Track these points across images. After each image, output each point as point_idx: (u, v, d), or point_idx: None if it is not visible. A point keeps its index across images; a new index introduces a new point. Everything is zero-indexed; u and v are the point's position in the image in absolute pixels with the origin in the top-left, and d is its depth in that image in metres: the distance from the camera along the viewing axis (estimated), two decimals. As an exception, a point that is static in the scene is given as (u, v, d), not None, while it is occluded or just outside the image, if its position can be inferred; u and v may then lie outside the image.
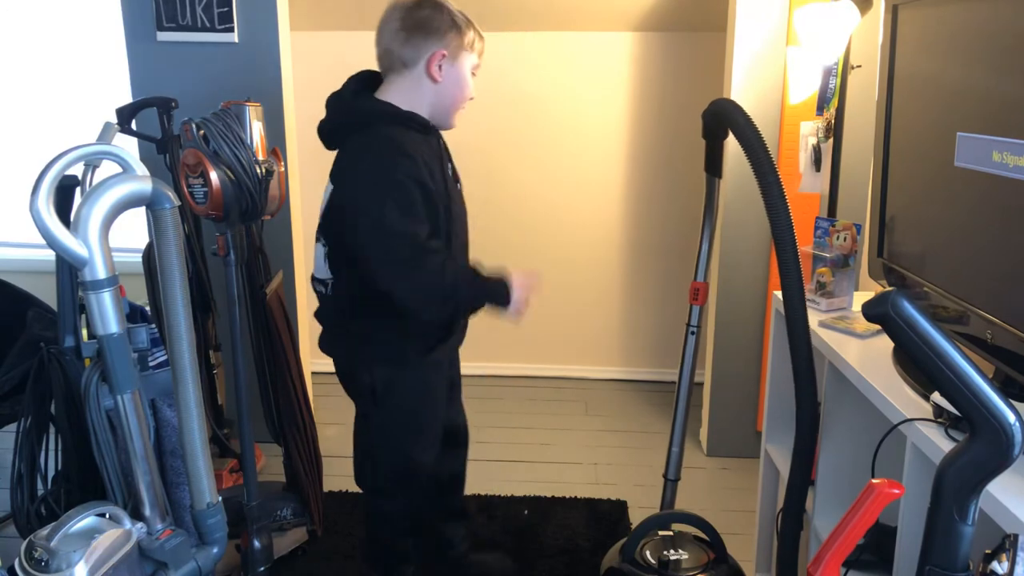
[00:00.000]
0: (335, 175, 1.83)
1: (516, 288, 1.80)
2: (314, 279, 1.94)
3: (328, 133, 1.88)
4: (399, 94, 1.83)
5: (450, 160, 1.93)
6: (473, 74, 1.90)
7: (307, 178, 3.46)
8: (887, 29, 1.72)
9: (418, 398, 1.92)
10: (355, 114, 1.83)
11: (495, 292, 1.81)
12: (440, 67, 1.82)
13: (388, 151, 1.74)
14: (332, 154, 2.35)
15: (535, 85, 3.48)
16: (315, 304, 2.01)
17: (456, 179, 1.94)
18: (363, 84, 1.89)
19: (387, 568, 2.06)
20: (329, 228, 1.88)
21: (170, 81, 2.83)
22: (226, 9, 2.77)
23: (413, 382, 1.90)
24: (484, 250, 3.70)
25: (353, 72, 2.03)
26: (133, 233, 3.07)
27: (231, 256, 2.02)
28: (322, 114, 1.95)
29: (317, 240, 1.91)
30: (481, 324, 3.85)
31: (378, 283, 1.75)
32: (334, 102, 1.89)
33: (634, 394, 3.50)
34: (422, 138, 1.81)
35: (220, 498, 1.79)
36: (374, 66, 1.98)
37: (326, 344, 1.99)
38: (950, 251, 1.51)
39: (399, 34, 1.82)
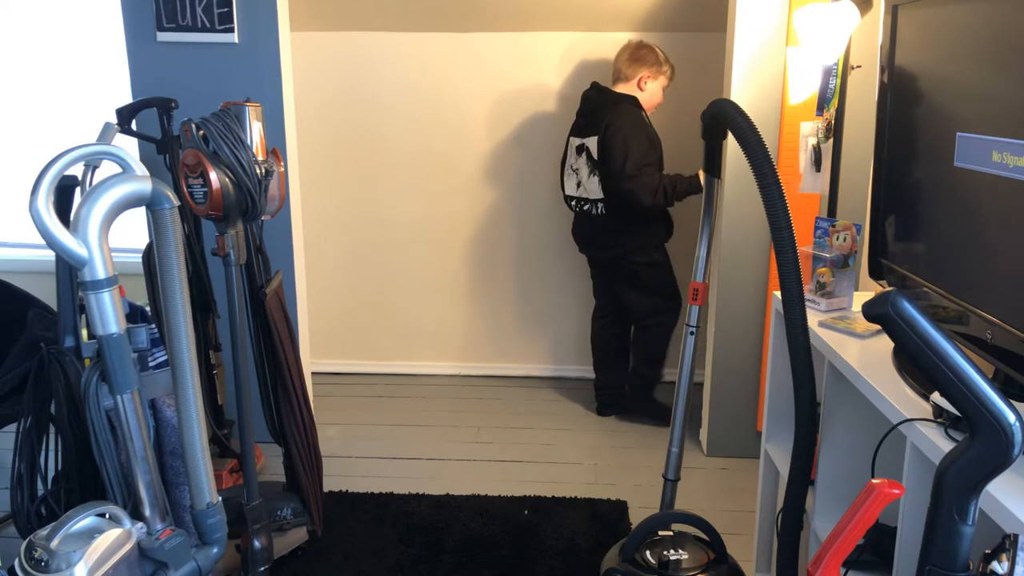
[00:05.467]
0: (605, 130, 3.04)
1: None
2: (582, 200, 3.19)
3: (592, 110, 3.13)
4: (631, 88, 3.11)
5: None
6: (663, 88, 3.15)
7: (307, 178, 3.47)
8: (887, 29, 1.72)
9: (661, 263, 3.22)
10: (613, 97, 3.11)
11: (686, 187, 3.04)
12: (645, 83, 3.10)
13: (634, 115, 3.06)
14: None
15: (536, 85, 3.48)
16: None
17: None
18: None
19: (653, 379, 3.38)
20: (605, 163, 3.06)
21: (170, 81, 2.83)
22: (226, 9, 2.77)
23: (659, 256, 3.22)
24: (486, 245, 3.71)
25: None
26: (133, 233, 3.07)
27: (231, 256, 2.02)
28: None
29: (592, 174, 3.12)
30: (480, 326, 3.86)
31: (623, 184, 3.00)
32: (596, 93, 3.16)
33: (634, 394, 3.50)
34: (643, 113, 3.11)
35: (220, 498, 1.79)
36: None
37: (593, 244, 3.29)
38: (950, 251, 1.51)
39: (627, 60, 3.10)
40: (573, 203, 3.24)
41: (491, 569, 2.38)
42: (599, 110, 3.10)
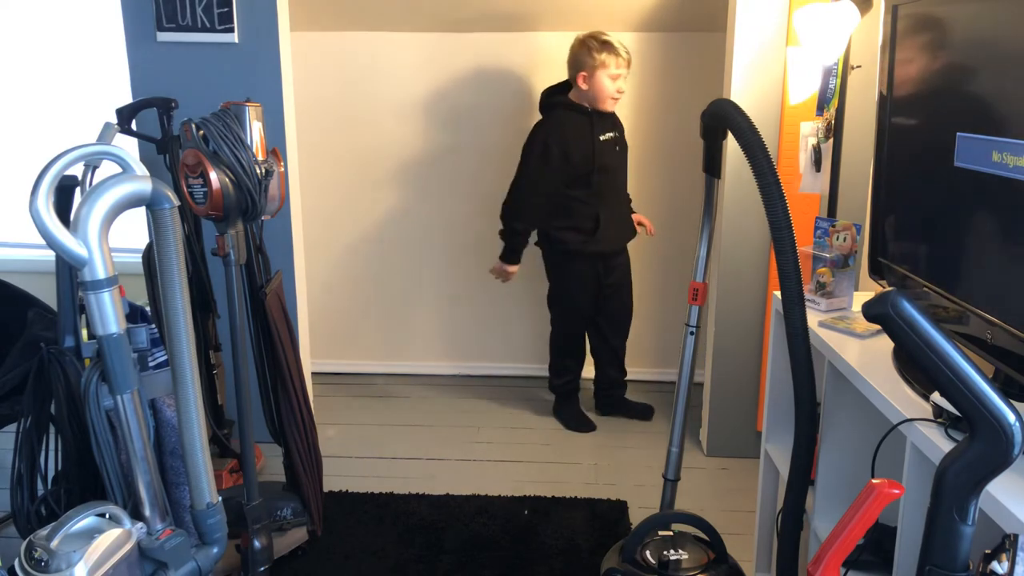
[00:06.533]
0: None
1: (503, 268, 3.21)
2: None
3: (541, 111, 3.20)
4: (574, 93, 3.05)
5: (614, 131, 3.10)
6: (613, 79, 2.98)
7: (307, 178, 3.47)
8: (887, 29, 1.72)
9: (563, 271, 3.21)
10: (546, 103, 3.14)
11: (508, 251, 3.17)
12: (584, 80, 2.99)
13: (546, 125, 3.07)
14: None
15: (536, 85, 3.48)
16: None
17: (616, 144, 3.11)
18: (561, 87, 3.13)
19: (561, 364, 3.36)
20: None
21: (170, 81, 2.83)
22: (226, 9, 2.77)
23: (559, 256, 3.19)
24: (486, 245, 3.71)
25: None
26: (133, 233, 3.07)
27: (231, 256, 2.02)
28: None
29: None
30: (481, 325, 3.86)
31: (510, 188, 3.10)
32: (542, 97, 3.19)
33: (634, 394, 3.49)
34: (579, 116, 3.03)
35: (220, 498, 1.79)
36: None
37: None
38: (950, 251, 1.51)
39: (568, 61, 3.06)
40: None
41: (491, 569, 2.38)
42: (540, 113, 3.19)
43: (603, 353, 3.36)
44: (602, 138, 3.03)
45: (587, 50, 2.98)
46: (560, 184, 3.05)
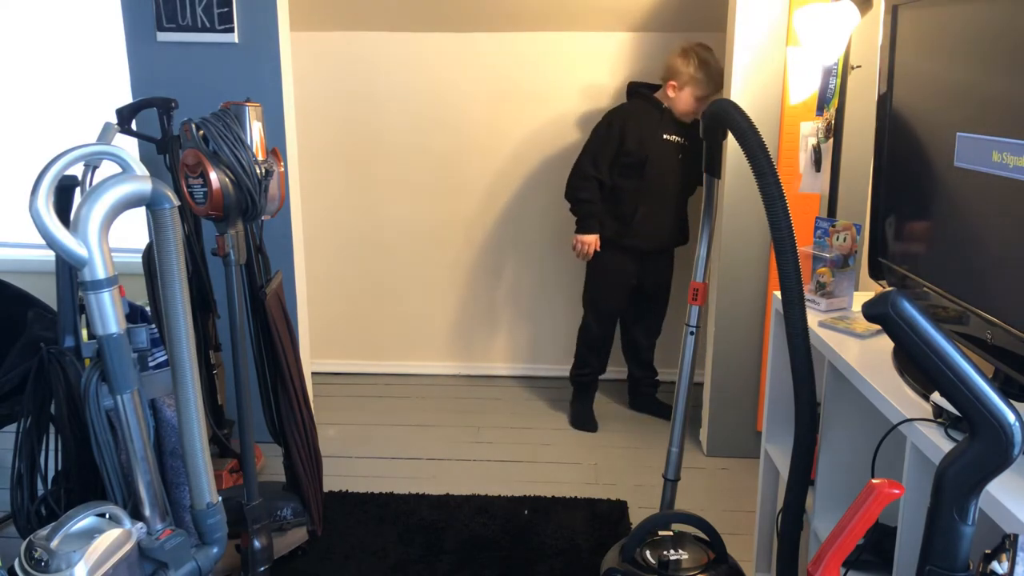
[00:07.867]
0: None
1: (579, 239, 3.15)
2: None
3: None
4: (660, 92, 3.11)
5: (682, 137, 3.08)
6: (698, 100, 3.01)
7: (307, 178, 3.47)
8: (887, 29, 1.72)
9: (600, 254, 3.18)
10: (629, 89, 3.22)
11: (579, 222, 3.14)
12: (673, 89, 3.04)
13: (619, 107, 3.18)
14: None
15: (536, 85, 3.48)
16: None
17: (679, 150, 3.09)
18: (650, 85, 3.18)
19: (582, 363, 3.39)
20: None
21: (170, 81, 2.83)
22: (226, 9, 2.77)
23: (601, 250, 3.18)
24: (486, 245, 3.71)
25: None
26: (133, 233, 3.07)
27: (231, 256, 2.02)
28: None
29: None
30: (481, 325, 3.85)
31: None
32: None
33: (634, 394, 3.50)
34: (652, 109, 3.08)
35: (220, 498, 1.79)
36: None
37: None
38: (950, 251, 1.51)
39: (667, 63, 3.08)
40: None
41: (491, 569, 2.38)
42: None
43: (627, 350, 3.43)
44: (665, 136, 3.06)
45: (686, 61, 2.99)
46: (613, 167, 3.07)
